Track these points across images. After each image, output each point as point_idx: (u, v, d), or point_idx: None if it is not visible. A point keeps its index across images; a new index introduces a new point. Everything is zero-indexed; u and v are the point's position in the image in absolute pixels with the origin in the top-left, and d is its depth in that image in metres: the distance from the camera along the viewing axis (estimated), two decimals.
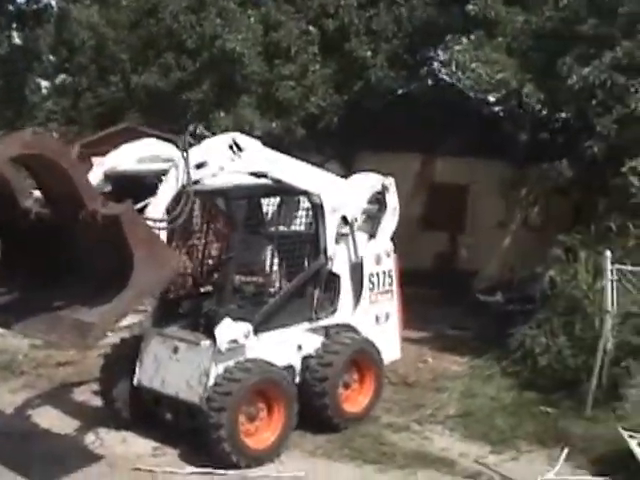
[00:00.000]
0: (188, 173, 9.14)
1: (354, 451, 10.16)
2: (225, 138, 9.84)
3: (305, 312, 10.75)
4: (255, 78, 18.63)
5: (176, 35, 19.72)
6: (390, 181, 11.92)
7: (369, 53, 18.62)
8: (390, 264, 11.88)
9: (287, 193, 10.96)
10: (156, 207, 8.99)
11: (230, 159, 9.68)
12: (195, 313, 10.43)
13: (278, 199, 11.36)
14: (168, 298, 10.91)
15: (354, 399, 11.05)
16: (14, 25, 22.22)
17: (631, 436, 9.66)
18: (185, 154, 9.19)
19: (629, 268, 11.19)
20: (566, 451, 10.06)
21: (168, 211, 9.21)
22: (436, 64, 19.90)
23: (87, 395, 12.04)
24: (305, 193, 10.82)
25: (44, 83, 25.45)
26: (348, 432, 10.70)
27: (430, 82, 19.23)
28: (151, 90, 20.29)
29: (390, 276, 11.85)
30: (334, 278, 11.03)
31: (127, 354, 10.59)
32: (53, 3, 23.29)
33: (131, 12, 21.07)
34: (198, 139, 9.66)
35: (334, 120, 18.85)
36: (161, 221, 8.94)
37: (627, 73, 13.63)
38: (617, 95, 13.73)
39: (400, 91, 19.02)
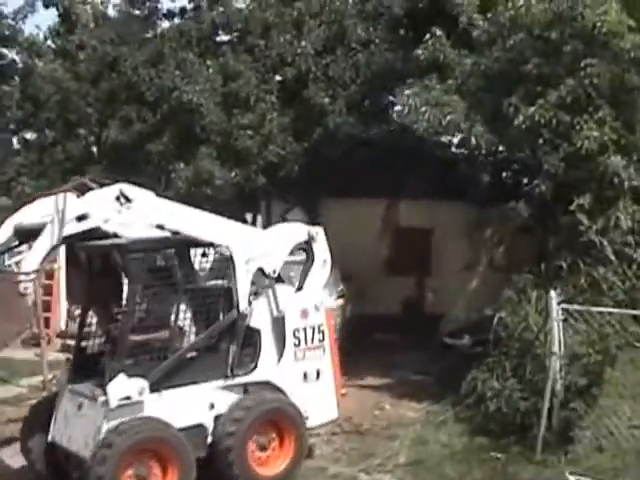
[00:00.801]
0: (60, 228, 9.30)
1: None
2: (112, 189, 9.78)
3: (219, 369, 10.36)
4: (214, 128, 18.64)
5: (136, 88, 19.80)
6: (317, 230, 11.47)
7: (327, 100, 18.66)
8: (320, 318, 11.26)
9: (190, 246, 10.54)
10: (29, 261, 9.28)
11: (116, 211, 9.63)
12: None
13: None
14: (84, 354, 10.77)
15: (272, 462, 10.50)
16: None
17: None
18: (61, 208, 9.31)
19: (575, 307, 11.08)
20: None
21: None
22: (394, 109, 19.89)
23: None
24: (212, 245, 10.57)
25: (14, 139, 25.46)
26: None
27: (389, 127, 19.14)
28: (113, 143, 20.24)
29: (321, 331, 11.21)
30: (254, 333, 10.65)
31: (46, 410, 10.50)
32: (17, 59, 23.44)
33: (92, 65, 21.08)
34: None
35: (294, 168, 18.80)
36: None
37: (572, 111, 13.63)
38: (563, 133, 13.73)
39: (360, 137, 18.84)
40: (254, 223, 22.46)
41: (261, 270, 10.65)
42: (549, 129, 13.77)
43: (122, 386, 9.58)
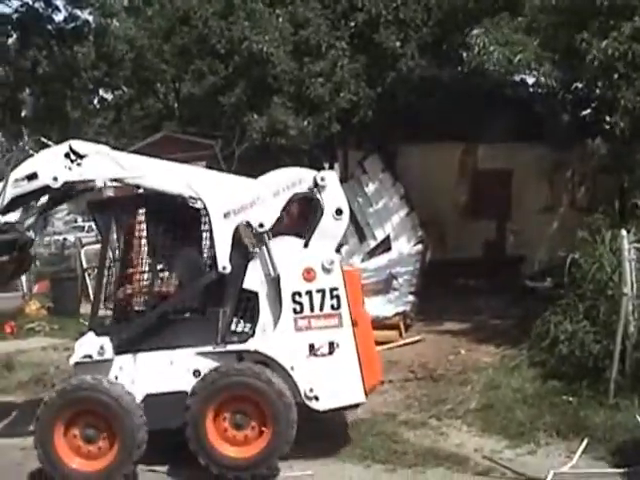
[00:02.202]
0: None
1: (365, 450, 9.95)
2: (61, 147, 9.51)
3: (207, 334, 9.36)
4: (285, 77, 18.52)
5: (207, 41, 19.81)
6: (324, 175, 9.50)
7: (399, 43, 18.35)
8: (333, 281, 9.36)
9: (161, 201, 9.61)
10: None
11: (67, 168, 9.34)
12: None
13: None
14: None
15: (251, 443, 9.21)
16: (54, 43, 22.65)
17: None
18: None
19: None
20: (585, 442, 9.69)
21: None
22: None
23: None
24: (181, 198, 9.50)
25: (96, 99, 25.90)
26: (362, 431, 10.52)
27: (463, 69, 18.73)
28: (187, 97, 20.37)
29: (334, 296, 9.33)
30: (251, 296, 9.50)
31: None
32: (91, 19, 23.67)
33: (164, 21, 21.17)
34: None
35: (368, 114, 18.59)
36: None
37: None
38: (639, 66, 13.24)
39: (434, 79, 18.53)
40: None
41: (248, 224, 9.44)
42: (624, 62, 13.32)
43: (86, 344, 9.38)
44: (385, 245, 19.68)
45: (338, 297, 9.33)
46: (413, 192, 19.90)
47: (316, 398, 9.34)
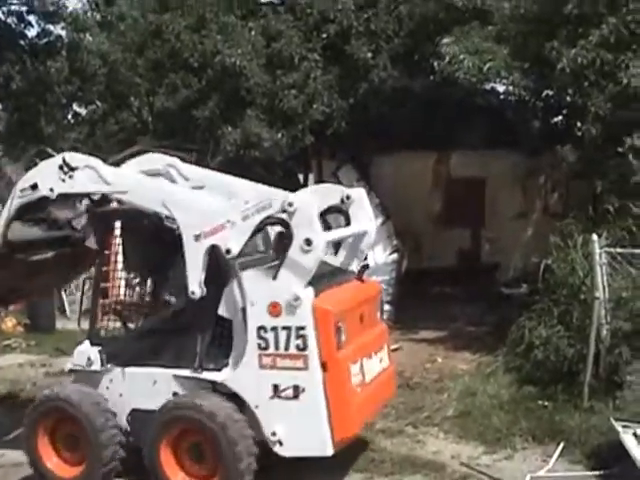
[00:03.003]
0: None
1: (342, 459, 9.96)
2: (56, 158, 9.56)
3: (188, 358, 9.08)
4: (259, 90, 18.53)
5: (180, 54, 19.78)
6: (295, 200, 8.53)
7: (370, 54, 18.39)
8: (300, 319, 8.49)
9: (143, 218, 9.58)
10: None
11: (60, 180, 9.42)
12: None
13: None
14: None
15: (201, 477, 8.92)
16: (27, 59, 22.62)
17: (626, 426, 9.35)
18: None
19: (618, 250, 10.88)
20: (561, 446, 9.85)
21: None
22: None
23: None
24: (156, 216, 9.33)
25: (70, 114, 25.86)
26: None
27: (435, 78, 18.86)
28: (161, 111, 20.38)
29: (300, 336, 8.49)
30: (226, 324, 8.97)
31: None
32: (63, 35, 23.62)
33: (136, 35, 21.17)
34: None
35: (342, 125, 18.63)
36: None
37: (616, 50, 13.31)
38: (608, 73, 13.43)
39: (406, 90, 18.60)
40: (306, 183, 22.47)
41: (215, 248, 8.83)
42: (593, 70, 13.48)
43: (80, 353, 9.58)
44: None
45: (304, 337, 8.46)
46: (387, 201, 19.97)
47: (280, 443, 8.69)
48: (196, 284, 8.81)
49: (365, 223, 9.76)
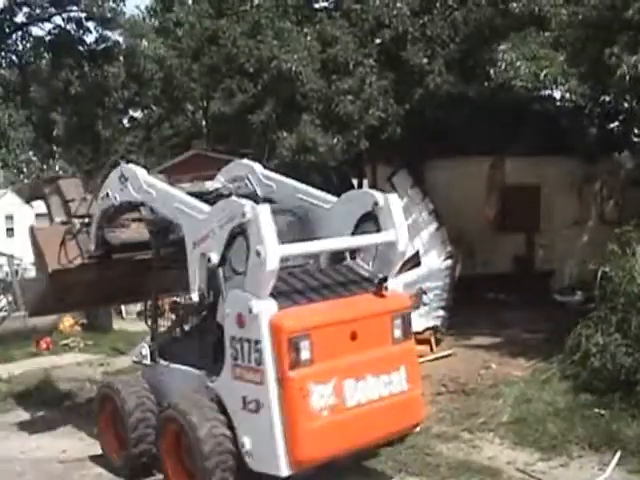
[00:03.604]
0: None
1: (398, 463, 10.08)
2: (118, 169, 10.38)
3: (207, 360, 9.33)
4: (314, 95, 18.64)
5: (236, 60, 20.02)
6: (248, 210, 8.49)
7: (426, 60, 18.42)
8: (258, 333, 8.38)
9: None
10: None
11: (119, 189, 10.26)
12: None
13: None
14: None
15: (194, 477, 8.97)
16: (85, 64, 23.04)
17: None
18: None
19: None
20: (618, 455, 9.77)
21: None
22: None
23: None
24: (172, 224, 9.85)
25: (124, 118, 26.30)
26: (395, 444, 10.55)
27: (490, 84, 18.83)
28: (217, 116, 20.61)
29: (257, 350, 8.40)
30: (222, 332, 8.99)
31: None
32: (121, 40, 24.02)
33: (192, 41, 21.43)
34: None
35: (397, 130, 18.67)
36: None
37: None
38: None
39: (462, 95, 18.56)
40: (360, 188, 22.54)
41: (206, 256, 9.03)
42: None
43: (138, 349, 10.68)
44: (414, 260, 19.73)
45: (260, 352, 8.35)
46: (442, 207, 19.96)
47: (248, 455, 8.62)
48: (195, 288, 9.17)
49: (391, 232, 9.26)
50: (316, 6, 20.61)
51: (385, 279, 9.28)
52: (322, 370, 8.44)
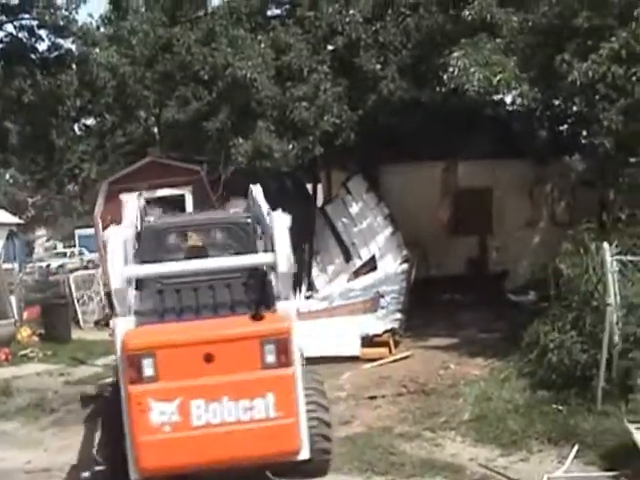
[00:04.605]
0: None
1: (364, 463, 10.20)
2: None
3: None
4: (269, 102, 18.86)
5: (190, 67, 20.14)
6: (107, 232, 9.68)
7: (379, 66, 18.73)
8: (117, 347, 8.96)
9: None
10: None
11: None
12: None
13: None
14: None
15: None
16: (37, 72, 22.94)
17: (639, 428, 9.60)
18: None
19: (629, 258, 11.13)
20: (576, 448, 10.00)
21: None
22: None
23: None
24: None
25: (77, 127, 26.24)
26: (359, 444, 10.78)
27: (442, 90, 19.13)
28: (171, 123, 20.68)
29: (117, 364, 9.24)
30: None
31: None
32: (74, 48, 23.96)
33: (146, 49, 21.48)
34: None
35: (351, 136, 18.93)
36: None
37: (627, 63, 13.48)
38: (619, 86, 13.59)
39: (414, 101, 18.86)
40: (315, 193, 22.73)
41: None
42: (604, 83, 13.63)
43: None
44: (371, 264, 20.02)
45: (117, 365, 9.13)
46: (397, 211, 20.26)
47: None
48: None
49: (269, 254, 9.25)
50: (270, 14, 20.75)
51: (261, 302, 9.25)
52: (166, 388, 8.59)
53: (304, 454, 8.96)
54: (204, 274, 9.68)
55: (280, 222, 9.18)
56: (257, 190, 11.01)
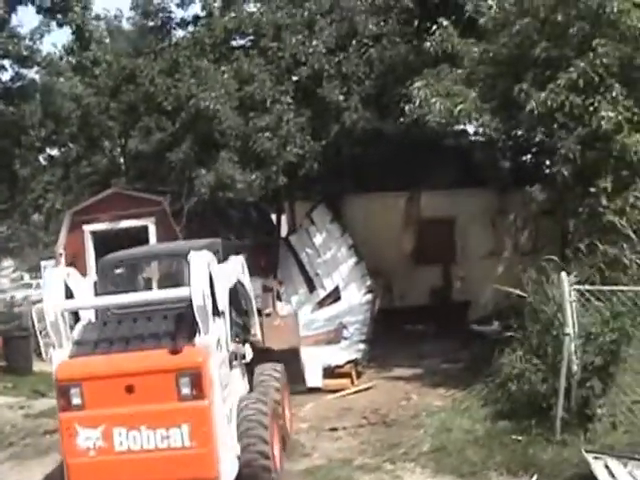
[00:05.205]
0: None
1: None
2: None
3: None
4: (232, 132, 18.83)
5: (154, 98, 20.10)
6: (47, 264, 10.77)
7: (342, 97, 18.77)
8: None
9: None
10: None
11: None
12: None
13: None
14: None
15: None
16: (0, 102, 22.80)
17: (597, 457, 9.59)
18: None
19: (587, 288, 11.15)
20: (535, 478, 9.98)
21: None
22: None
23: None
24: None
25: (41, 157, 26.10)
26: (319, 477, 10.72)
27: (405, 120, 19.20)
28: (135, 154, 20.62)
29: None
30: None
31: None
32: (37, 78, 23.85)
33: (110, 79, 21.43)
34: None
35: (314, 166, 18.93)
36: None
37: (584, 93, 13.59)
38: (577, 116, 13.69)
39: (377, 131, 18.89)
40: (279, 223, 22.70)
41: None
42: (562, 113, 13.72)
43: None
44: (335, 295, 19.98)
45: None
46: (361, 241, 20.26)
47: None
48: None
49: (185, 288, 9.72)
50: (233, 44, 20.76)
51: (183, 335, 9.56)
52: (91, 416, 9.33)
53: None
54: (141, 306, 10.22)
55: (197, 258, 9.57)
56: None
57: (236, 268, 11.77)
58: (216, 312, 9.85)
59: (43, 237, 40.98)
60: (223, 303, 10.18)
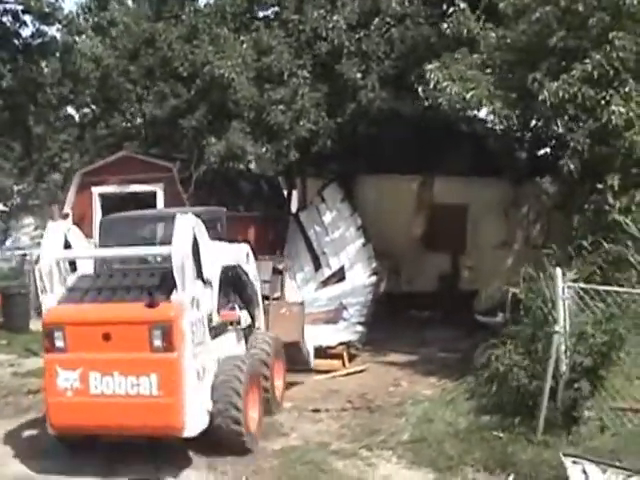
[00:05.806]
0: None
1: (291, 478, 9.95)
2: None
3: None
4: (246, 103, 18.52)
5: (170, 64, 19.86)
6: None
7: (360, 75, 18.39)
8: None
9: None
10: None
11: None
12: None
13: None
14: None
15: None
16: (19, 58, 22.69)
17: (575, 462, 9.30)
18: None
19: (581, 286, 10.85)
20: (511, 478, 9.73)
21: None
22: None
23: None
24: None
25: (57, 115, 25.93)
26: (292, 458, 10.52)
27: (422, 102, 18.84)
28: (150, 119, 20.42)
29: None
30: None
31: None
32: (58, 36, 23.70)
33: (130, 42, 21.20)
34: None
35: (327, 143, 18.63)
36: None
37: (598, 86, 13.28)
38: (588, 109, 13.38)
39: (393, 112, 18.53)
40: (289, 199, 22.48)
41: None
42: (574, 104, 13.42)
43: None
44: (339, 274, 19.73)
45: None
46: (370, 223, 19.98)
47: None
48: None
49: (167, 247, 10.28)
50: (255, 14, 20.46)
51: (162, 291, 10.15)
52: (71, 359, 10.07)
53: (189, 432, 10.02)
54: (134, 262, 11.42)
55: (182, 220, 10.22)
56: None
57: (239, 254, 12.23)
58: (200, 277, 10.44)
59: (62, 196, 40.98)
60: (210, 272, 10.67)
